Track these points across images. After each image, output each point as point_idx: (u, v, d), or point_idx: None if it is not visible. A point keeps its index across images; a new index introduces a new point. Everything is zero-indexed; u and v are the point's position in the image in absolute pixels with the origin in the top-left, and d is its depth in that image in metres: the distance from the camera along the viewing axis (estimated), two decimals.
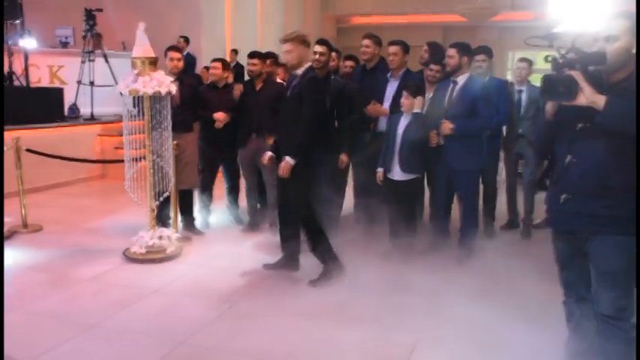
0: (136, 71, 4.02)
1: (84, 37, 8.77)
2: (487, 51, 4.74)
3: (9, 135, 5.09)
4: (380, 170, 4.27)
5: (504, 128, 5.04)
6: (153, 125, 4.20)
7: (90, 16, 8.91)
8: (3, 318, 1.11)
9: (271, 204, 4.83)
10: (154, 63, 4.07)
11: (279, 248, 3.99)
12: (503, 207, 5.18)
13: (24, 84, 7.68)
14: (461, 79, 4.08)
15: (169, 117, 4.21)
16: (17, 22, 8.03)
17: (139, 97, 4.06)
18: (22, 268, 4.00)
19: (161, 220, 4.59)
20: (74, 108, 8.11)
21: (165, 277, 3.87)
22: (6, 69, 7.59)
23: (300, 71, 3.66)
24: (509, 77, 9.53)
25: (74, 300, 3.47)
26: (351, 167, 4.80)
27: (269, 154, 3.88)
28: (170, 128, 4.26)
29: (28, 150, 5.09)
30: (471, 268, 3.94)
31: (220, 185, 5.32)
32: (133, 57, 4.04)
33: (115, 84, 7.05)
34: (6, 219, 4.83)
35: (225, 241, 4.72)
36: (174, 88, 4.15)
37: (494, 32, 14.81)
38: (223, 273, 3.96)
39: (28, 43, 8.40)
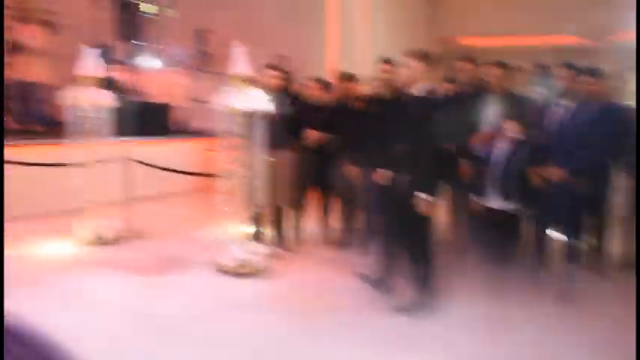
0: (232, 88, 4.18)
1: (195, 57, 9.37)
2: (597, 72, 4.39)
3: (120, 146, 5.48)
4: (478, 198, 4.07)
5: None
6: (247, 141, 4.33)
7: (200, 36, 9.50)
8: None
9: (363, 224, 4.79)
10: (250, 80, 4.21)
11: (369, 268, 3.95)
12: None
13: (139, 99, 8.30)
14: (569, 103, 3.82)
15: (264, 134, 4.31)
16: (137, 42, 8.72)
17: (237, 113, 4.21)
18: (121, 271, 4.26)
19: (253, 235, 4.70)
20: (181, 123, 8.63)
21: (252, 292, 3.94)
22: (124, 85, 8.26)
23: (416, 90, 3.48)
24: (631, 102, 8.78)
25: (163, 306, 3.63)
26: None
27: (381, 172, 3.81)
28: (264, 145, 4.37)
29: (137, 161, 5.45)
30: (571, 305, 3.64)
31: (314, 203, 5.37)
32: (229, 74, 4.21)
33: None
34: (113, 225, 5.18)
35: (316, 259, 4.74)
36: (270, 106, 4.26)
37: (610, 52, 13.84)
38: (311, 291, 3.98)
39: (145, 61, 9.11)
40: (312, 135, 4.92)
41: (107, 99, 5.05)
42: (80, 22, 7.85)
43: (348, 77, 5.19)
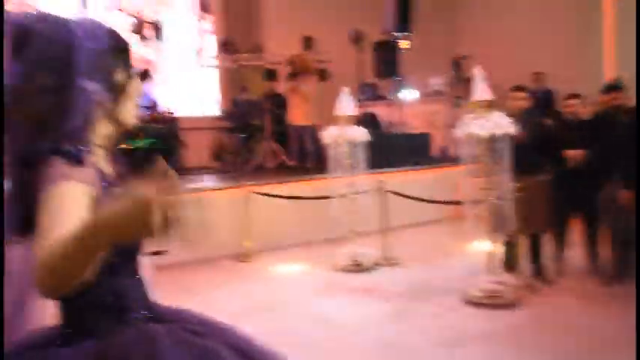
0: (472, 114, 4.18)
1: (453, 84, 9.52)
2: None
3: (375, 177, 5.91)
4: None
5: None
6: (494, 167, 4.26)
7: (457, 64, 9.63)
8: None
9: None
10: (490, 105, 4.15)
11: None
12: None
13: (400, 131, 8.80)
14: None
15: (512, 157, 4.18)
16: (396, 77, 9.29)
17: (480, 138, 4.19)
18: (370, 297, 4.57)
19: (504, 264, 4.55)
20: (442, 151, 8.81)
21: (498, 324, 3.82)
22: (386, 119, 8.87)
23: None
24: None
25: (406, 334, 3.77)
26: None
27: None
28: (513, 169, 4.23)
29: (390, 191, 5.80)
30: None
31: (577, 229, 4.93)
32: (470, 100, 4.22)
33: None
34: (370, 252, 5.59)
35: (578, 294, 4.34)
36: (513, 129, 4.13)
37: None
38: (567, 329, 3.67)
39: (406, 94, 9.63)
40: (572, 154, 4.57)
41: (362, 134, 5.52)
42: (345, 67, 8.78)
43: (613, 88, 4.70)
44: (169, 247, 5.23)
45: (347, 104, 5.53)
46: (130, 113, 1.32)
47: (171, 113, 7.62)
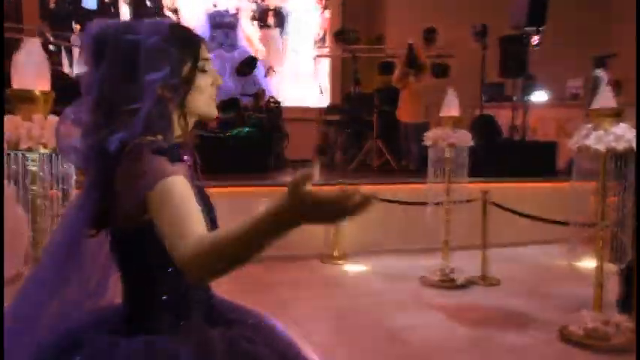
0: (590, 125, 3.68)
1: (593, 87, 8.61)
2: None
3: (480, 186, 5.50)
4: None
5: None
6: (612, 186, 3.73)
7: (600, 63, 8.70)
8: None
9: None
10: (615, 114, 3.63)
11: None
12: None
13: (521, 138, 8.14)
14: None
15: (632, 177, 3.64)
16: (526, 78, 8.60)
17: (597, 153, 3.69)
18: (456, 321, 4.22)
19: (619, 301, 3.98)
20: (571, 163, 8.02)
21: None
22: (508, 123, 8.25)
23: None
24: None
25: None
26: None
27: None
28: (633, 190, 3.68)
29: (496, 204, 5.35)
30: None
31: None
32: (589, 109, 3.73)
33: None
34: (465, 268, 5.20)
35: None
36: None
37: None
38: None
39: (535, 97, 8.91)
40: None
41: (466, 139, 5.14)
42: (467, 63, 8.30)
43: None
44: None
45: (452, 104, 5.17)
46: (204, 105, 1.39)
47: (276, 103, 7.67)
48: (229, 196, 5.31)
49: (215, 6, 10.33)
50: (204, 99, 1.38)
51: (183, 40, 1.34)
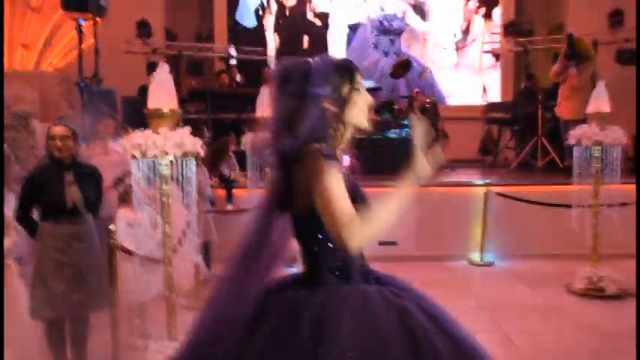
0: None
1: None
2: None
3: (632, 189, 5.11)
4: None
5: None
6: None
7: None
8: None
9: None
10: None
11: None
12: None
13: None
14: None
15: None
16: None
17: None
18: (601, 335, 4.08)
19: None
20: None
21: None
22: None
23: None
24: None
25: None
26: None
27: None
28: None
29: None
30: None
31: None
32: None
33: None
34: (616, 278, 4.88)
35: None
36: None
37: None
38: None
39: None
40: None
41: (617, 137, 4.82)
42: None
43: None
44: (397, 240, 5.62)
45: (601, 99, 4.88)
46: (358, 118, 1.84)
47: (430, 103, 7.77)
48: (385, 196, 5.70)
49: (383, 10, 10.27)
50: (358, 113, 1.82)
51: (344, 69, 1.82)
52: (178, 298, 3.76)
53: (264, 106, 5.13)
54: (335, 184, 1.63)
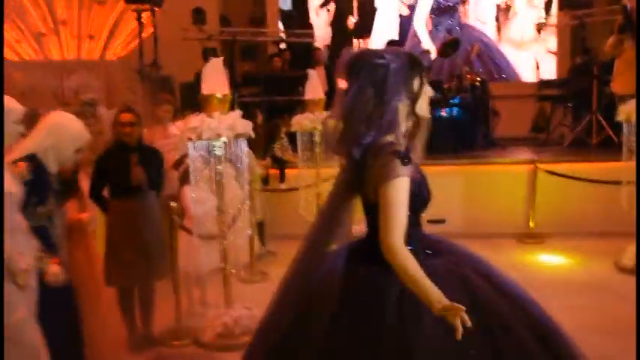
0: None
1: None
2: None
3: None
4: None
5: None
6: None
7: None
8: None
9: None
10: None
11: None
12: None
13: None
14: None
15: None
16: None
17: None
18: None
19: None
20: None
21: None
22: None
23: None
24: None
25: None
26: None
27: None
28: None
29: None
30: None
31: None
32: None
33: None
34: None
35: None
36: None
37: None
38: None
39: None
40: None
41: None
42: None
43: None
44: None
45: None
46: (424, 109, 1.93)
47: (480, 81, 7.77)
48: (440, 174, 5.82)
49: None
50: (424, 105, 1.91)
51: (415, 63, 1.89)
52: (235, 271, 4.11)
53: (314, 88, 5.37)
54: (399, 192, 1.71)
